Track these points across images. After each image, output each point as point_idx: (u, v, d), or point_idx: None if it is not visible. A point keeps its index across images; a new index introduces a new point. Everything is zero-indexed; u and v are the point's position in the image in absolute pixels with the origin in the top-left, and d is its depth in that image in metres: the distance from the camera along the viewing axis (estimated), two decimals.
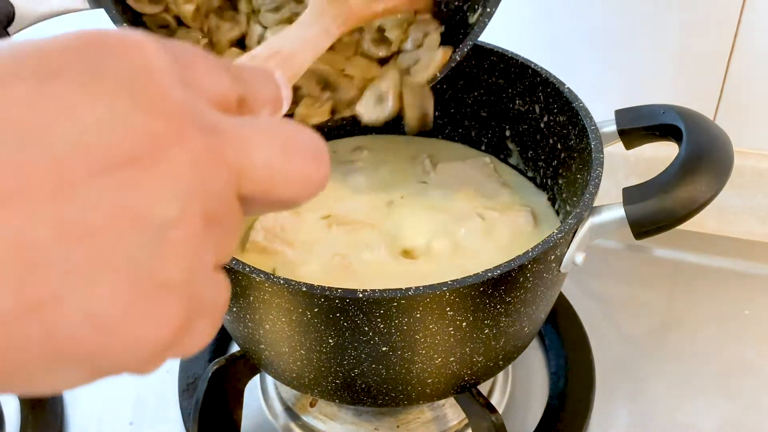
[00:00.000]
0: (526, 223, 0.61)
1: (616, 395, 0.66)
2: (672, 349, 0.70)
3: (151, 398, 0.68)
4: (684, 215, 0.49)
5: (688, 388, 0.67)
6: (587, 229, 0.50)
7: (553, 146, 0.62)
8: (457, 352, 0.51)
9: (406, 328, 0.47)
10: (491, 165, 0.67)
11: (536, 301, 0.52)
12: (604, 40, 0.75)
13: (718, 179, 0.49)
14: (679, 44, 0.74)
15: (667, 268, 0.78)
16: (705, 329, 0.72)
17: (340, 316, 0.46)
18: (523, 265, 0.47)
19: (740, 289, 0.75)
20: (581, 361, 0.68)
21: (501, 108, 0.66)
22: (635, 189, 0.50)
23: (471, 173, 0.66)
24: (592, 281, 0.76)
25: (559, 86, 0.59)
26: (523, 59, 0.62)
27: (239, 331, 0.54)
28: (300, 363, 0.52)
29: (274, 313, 0.49)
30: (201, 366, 0.68)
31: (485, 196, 0.64)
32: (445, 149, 0.70)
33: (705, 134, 0.52)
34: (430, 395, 0.54)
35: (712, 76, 0.74)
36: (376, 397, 0.53)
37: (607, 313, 0.73)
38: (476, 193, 0.64)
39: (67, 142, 0.18)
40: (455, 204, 0.63)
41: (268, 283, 0.46)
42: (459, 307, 0.47)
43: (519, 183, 0.67)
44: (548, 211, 0.63)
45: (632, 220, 0.49)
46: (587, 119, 0.56)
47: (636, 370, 0.68)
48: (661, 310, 0.74)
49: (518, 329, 0.53)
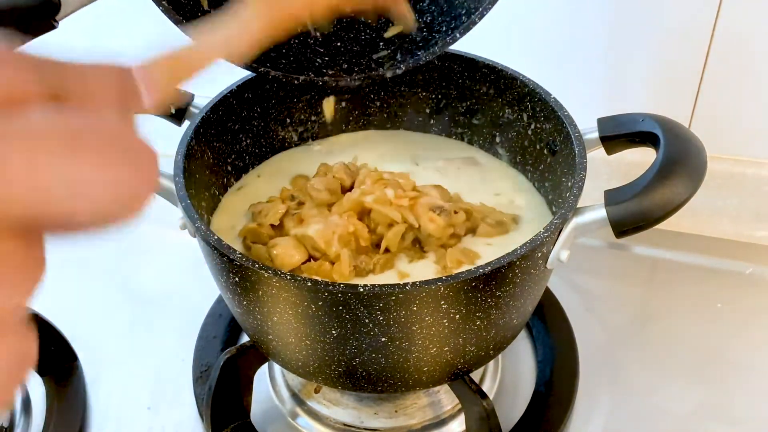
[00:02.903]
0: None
1: (598, 382, 0.66)
2: (650, 339, 0.70)
3: (167, 385, 0.68)
4: (661, 216, 0.48)
5: (665, 375, 0.67)
6: (571, 229, 0.50)
7: (540, 151, 0.62)
8: (450, 342, 0.51)
9: (403, 320, 0.47)
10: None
11: (524, 295, 0.52)
12: (587, 52, 0.75)
13: (692, 182, 0.49)
14: (656, 57, 0.74)
15: (645, 264, 0.78)
16: (680, 321, 0.72)
17: (342, 309, 0.46)
18: (512, 262, 0.47)
19: (713, 284, 0.75)
20: (566, 350, 0.68)
21: (492, 116, 0.66)
22: (616, 191, 0.50)
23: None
24: (576, 276, 0.76)
25: (546, 96, 0.59)
26: (512, 71, 0.62)
27: (249, 322, 0.54)
28: (305, 352, 0.52)
29: (281, 306, 0.49)
30: (214, 355, 0.68)
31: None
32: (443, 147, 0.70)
33: (681, 140, 0.51)
34: (425, 382, 0.54)
35: (687, 86, 0.74)
36: (376, 384, 0.53)
37: (590, 306, 0.73)
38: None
39: None
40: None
41: (276, 278, 0.46)
42: (453, 300, 0.47)
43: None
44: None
45: (613, 220, 0.49)
46: (572, 127, 0.56)
47: (617, 358, 0.68)
48: (640, 303, 0.74)
49: (507, 321, 0.53)
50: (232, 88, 0.62)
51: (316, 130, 0.70)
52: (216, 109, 0.61)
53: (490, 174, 0.66)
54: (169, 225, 0.58)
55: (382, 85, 0.68)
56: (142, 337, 0.72)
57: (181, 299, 0.76)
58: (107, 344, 0.71)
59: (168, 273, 0.79)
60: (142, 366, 0.69)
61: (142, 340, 0.72)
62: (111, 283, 0.78)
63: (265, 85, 0.64)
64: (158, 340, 0.72)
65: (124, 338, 0.72)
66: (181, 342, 0.70)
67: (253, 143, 0.66)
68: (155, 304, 0.75)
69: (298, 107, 0.68)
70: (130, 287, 0.77)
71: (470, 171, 0.66)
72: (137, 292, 0.77)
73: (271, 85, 0.65)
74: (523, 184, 0.65)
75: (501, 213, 0.59)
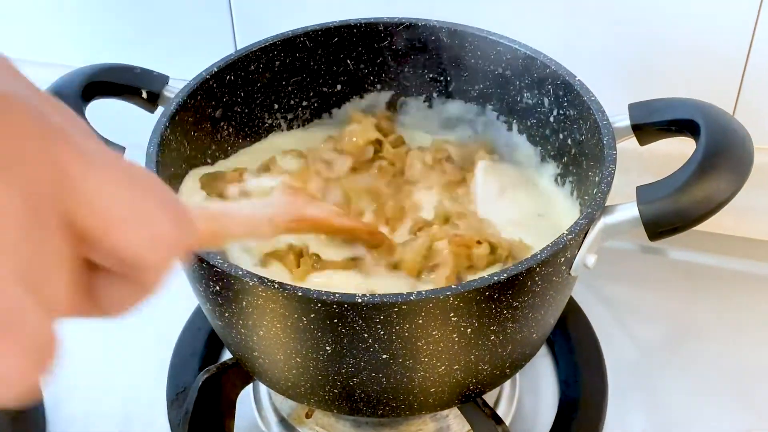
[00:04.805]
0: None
1: (629, 406, 0.66)
2: (689, 357, 0.70)
3: (137, 409, 0.68)
4: (701, 215, 0.49)
5: (707, 399, 0.67)
6: (599, 230, 0.50)
7: (563, 142, 0.62)
8: (461, 359, 0.51)
9: (407, 334, 0.47)
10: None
11: (545, 305, 0.52)
12: (616, 27, 0.75)
13: (737, 177, 0.49)
14: (695, 32, 0.73)
15: (683, 270, 0.78)
16: (724, 336, 0.71)
17: (337, 322, 0.46)
18: (532, 268, 0.47)
19: (760, 293, 0.75)
20: (593, 369, 0.68)
21: (507, 101, 0.66)
22: (650, 187, 0.50)
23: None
24: (604, 285, 0.76)
25: (569, 78, 0.59)
26: (531, 50, 0.62)
27: (231, 337, 0.54)
28: (296, 371, 0.52)
29: (268, 318, 0.49)
30: (191, 375, 0.68)
31: None
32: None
33: (724, 130, 0.52)
34: (432, 405, 0.54)
35: (731, 67, 0.74)
36: (376, 407, 0.53)
37: (620, 319, 0.73)
38: None
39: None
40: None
41: (262, 287, 0.46)
42: (463, 312, 0.47)
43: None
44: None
45: (646, 220, 0.49)
46: (599, 113, 0.56)
47: (651, 379, 0.68)
48: (677, 316, 0.74)
49: (526, 335, 0.53)
50: (212, 70, 0.62)
51: (307, 116, 0.70)
52: (194, 93, 0.61)
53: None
54: None
55: (381, 66, 0.68)
56: (108, 355, 0.72)
57: (153, 310, 0.75)
58: (71, 362, 0.71)
59: None
60: (108, 388, 0.69)
61: (108, 358, 0.72)
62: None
63: (249, 66, 0.64)
64: (127, 358, 0.72)
65: (90, 355, 0.72)
66: (154, 360, 0.70)
67: (236, 132, 0.66)
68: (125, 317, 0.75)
69: (287, 91, 0.68)
70: None
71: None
72: None
73: (257, 67, 0.65)
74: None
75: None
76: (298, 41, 0.66)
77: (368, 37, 0.67)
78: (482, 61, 0.65)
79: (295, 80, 0.68)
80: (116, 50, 0.86)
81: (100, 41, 0.89)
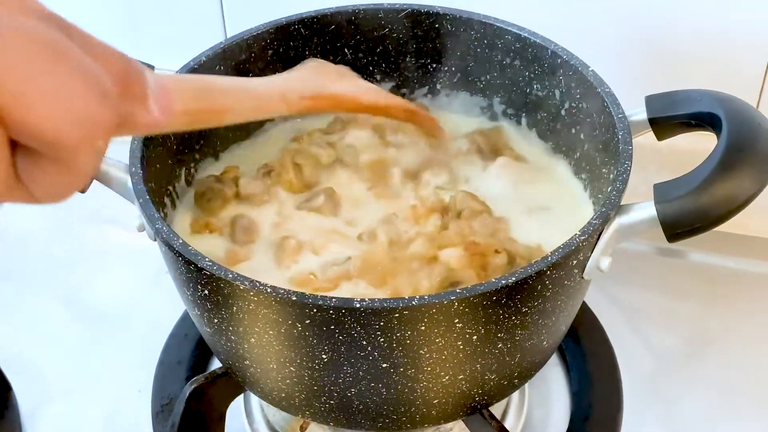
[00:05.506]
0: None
1: (645, 418, 0.66)
2: (709, 367, 0.70)
3: (121, 421, 0.68)
4: (723, 214, 0.48)
5: (727, 411, 0.67)
6: (614, 231, 0.50)
7: (575, 136, 0.62)
8: (466, 369, 0.51)
9: (409, 342, 0.47)
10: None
11: (556, 311, 0.52)
12: (632, 16, 0.75)
13: (761, 174, 0.49)
14: (716, 20, 0.73)
15: (703, 274, 0.78)
16: (745, 343, 0.72)
17: (334, 329, 0.46)
18: (542, 272, 0.47)
19: None
20: (606, 379, 0.68)
21: (516, 93, 0.66)
22: (668, 185, 0.50)
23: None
24: (619, 289, 0.76)
25: (582, 69, 0.59)
26: (541, 38, 0.62)
27: (221, 345, 0.54)
28: (290, 381, 0.52)
29: (260, 325, 0.48)
30: (178, 385, 0.68)
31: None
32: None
33: (747, 124, 0.51)
34: (436, 417, 0.54)
35: (755, 57, 0.74)
36: (376, 420, 0.53)
37: (636, 326, 0.73)
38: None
39: None
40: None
41: (253, 291, 0.46)
42: (469, 318, 0.47)
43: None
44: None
45: (665, 219, 0.49)
46: (614, 106, 0.56)
47: (669, 390, 0.68)
48: (697, 322, 0.74)
49: (536, 343, 0.53)
50: (200, 59, 0.62)
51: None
52: None
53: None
54: (125, 226, 0.57)
55: (381, 56, 0.68)
56: (90, 363, 0.72)
57: (139, 316, 0.76)
58: (48, 371, 0.71)
59: (123, 285, 0.79)
60: (90, 398, 0.69)
61: (90, 367, 0.72)
62: (54, 297, 0.78)
63: (240, 55, 0.64)
64: (110, 367, 0.72)
65: (69, 364, 0.72)
66: (139, 368, 0.70)
67: (226, 126, 0.66)
68: (107, 322, 0.75)
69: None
70: (77, 302, 0.77)
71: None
72: (86, 308, 0.77)
73: (248, 56, 0.65)
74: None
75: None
76: (292, 29, 0.66)
77: (367, 25, 0.67)
78: (489, 50, 0.65)
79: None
80: (101, 38, 0.86)
81: (84, 28, 0.89)
